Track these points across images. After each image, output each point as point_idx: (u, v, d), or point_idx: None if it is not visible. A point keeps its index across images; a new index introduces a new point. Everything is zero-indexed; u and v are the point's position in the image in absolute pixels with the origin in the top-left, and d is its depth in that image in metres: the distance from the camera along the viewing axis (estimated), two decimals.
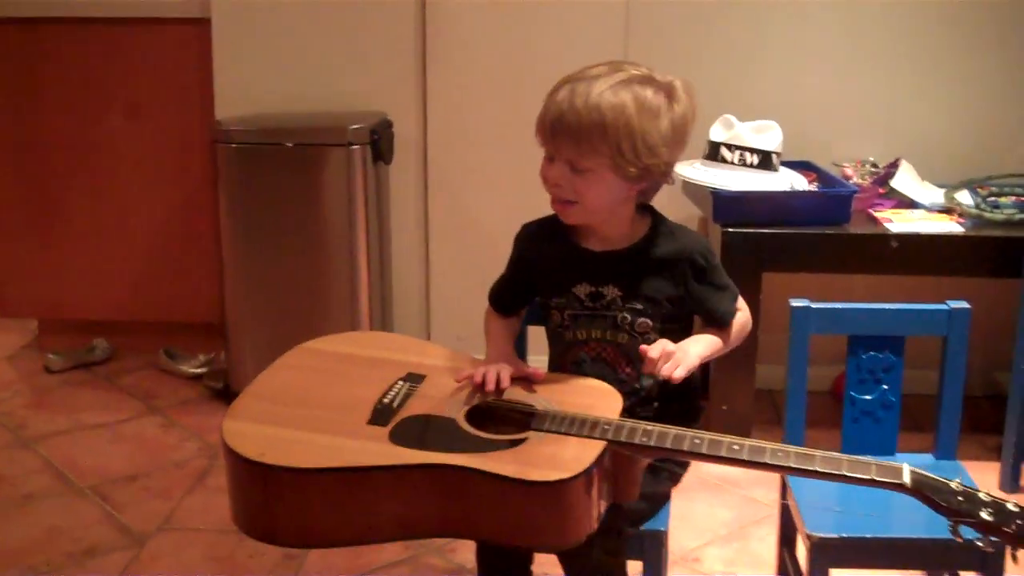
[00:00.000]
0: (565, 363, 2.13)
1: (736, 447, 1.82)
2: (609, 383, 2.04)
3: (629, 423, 1.86)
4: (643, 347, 1.94)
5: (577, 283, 2.09)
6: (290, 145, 3.61)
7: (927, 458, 2.37)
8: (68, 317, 4.28)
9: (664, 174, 2.03)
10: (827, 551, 2.08)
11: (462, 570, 2.80)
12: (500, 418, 1.97)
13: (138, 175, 4.12)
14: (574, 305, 2.10)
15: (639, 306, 2.06)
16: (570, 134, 1.96)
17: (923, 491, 1.75)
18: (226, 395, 3.82)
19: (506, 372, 2.00)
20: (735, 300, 2.14)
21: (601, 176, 1.98)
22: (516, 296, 2.22)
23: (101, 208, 4.16)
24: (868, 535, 2.08)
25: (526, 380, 2.03)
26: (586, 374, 2.09)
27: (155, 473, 3.33)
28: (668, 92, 1.99)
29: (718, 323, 2.12)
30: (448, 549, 2.87)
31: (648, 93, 1.97)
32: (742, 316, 2.14)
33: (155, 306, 4.22)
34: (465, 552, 2.83)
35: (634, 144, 1.94)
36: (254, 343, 3.71)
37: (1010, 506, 1.74)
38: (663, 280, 2.07)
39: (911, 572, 2.68)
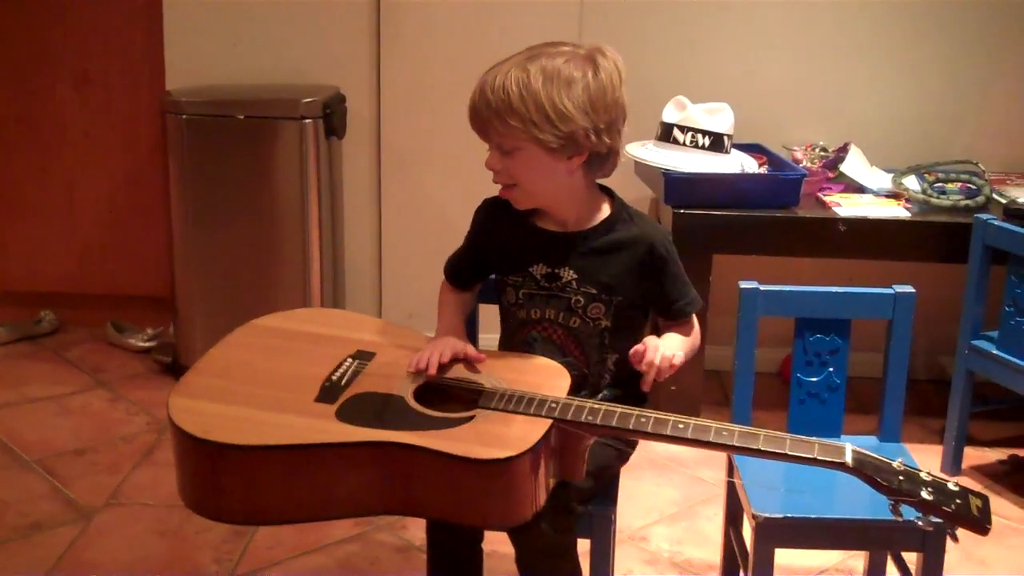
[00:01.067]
0: (516, 342, 2.14)
1: (681, 426, 1.84)
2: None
3: (576, 401, 1.88)
4: (633, 351, 1.95)
5: (534, 263, 2.10)
6: (241, 117, 3.58)
7: (871, 440, 2.41)
8: (14, 288, 4.22)
9: (596, 144, 1.99)
10: (772, 531, 2.11)
11: (411, 547, 2.81)
12: (449, 396, 1.97)
13: (86, 145, 4.07)
14: (530, 284, 2.11)
15: (593, 291, 2.07)
16: (486, 119, 1.98)
17: (864, 470, 1.78)
18: (175, 369, 3.80)
19: (447, 352, 2.00)
20: (695, 305, 2.14)
21: (529, 153, 1.99)
22: (472, 271, 2.23)
23: (48, 178, 4.11)
24: (813, 515, 2.11)
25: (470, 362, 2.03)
26: (535, 353, 2.10)
27: (102, 447, 3.30)
28: (588, 60, 1.99)
29: (675, 316, 2.13)
30: (399, 526, 2.88)
31: (558, 63, 1.97)
32: (697, 335, 2.15)
33: (103, 278, 4.18)
34: (415, 529, 2.84)
35: (546, 114, 1.95)
36: (203, 317, 3.69)
37: (950, 486, 1.77)
38: (620, 265, 2.08)
39: (854, 552, 2.73)
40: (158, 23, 3.88)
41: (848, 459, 1.78)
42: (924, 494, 1.75)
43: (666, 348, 1.96)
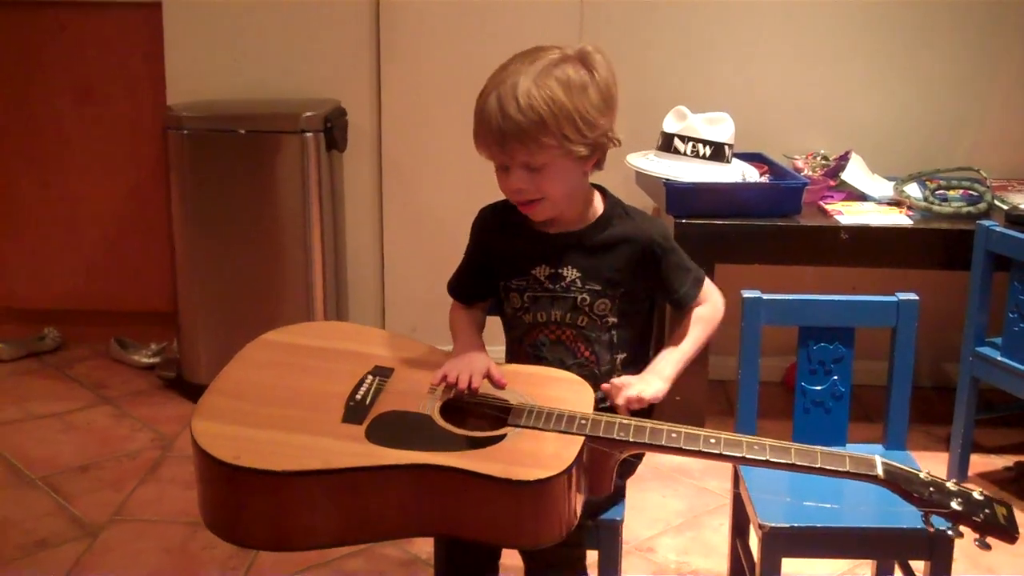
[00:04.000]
0: (523, 347, 2.13)
1: (712, 440, 1.84)
2: (568, 366, 2.07)
3: (605, 418, 1.87)
4: (605, 386, 1.98)
5: (536, 265, 2.10)
6: (242, 132, 3.59)
7: (877, 448, 2.40)
8: (18, 306, 4.23)
9: (611, 140, 2.04)
10: (779, 540, 2.11)
11: (416, 560, 2.81)
12: (474, 413, 1.96)
13: (88, 161, 4.08)
14: (534, 287, 2.11)
15: (598, 287, 2.08)
16: (516, 140, 1.96)
17: (896, 482, 1.80)
18: (179, 385, 3.80)
19: (478, 376, 1.98)
20: (698, 284, 2.15)
21: (558, 166, 1.99)
22: (476, 282, 2.21)
23: (51, 194, 4.11)
24: (819, 525, 2.11)
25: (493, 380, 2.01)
26: (544, 357, 2.10)
27: (107, 464, 3.30)
28: (584, 63, 2.00)
29: (678, 304, 2.14)
30: (404, 540, 2.87)
31: (568, 71, 1.98)
32: (707, 310, 2.15)
33: (106, 295, 4.18)
34: (420, 543, 2.83)
35: (576, 125, 1.96)
36: (207, 332, 3.69)
37: (976, 495, 1.79)
38: (621, 260, 2.09)
39: (861, 561, 2.72)
40: (158, 38, 3.89)
41: (879, 472, 1.80)
42: (954, 505, 1.77)
43: (639, 387, 1.97)
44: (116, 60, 4.01)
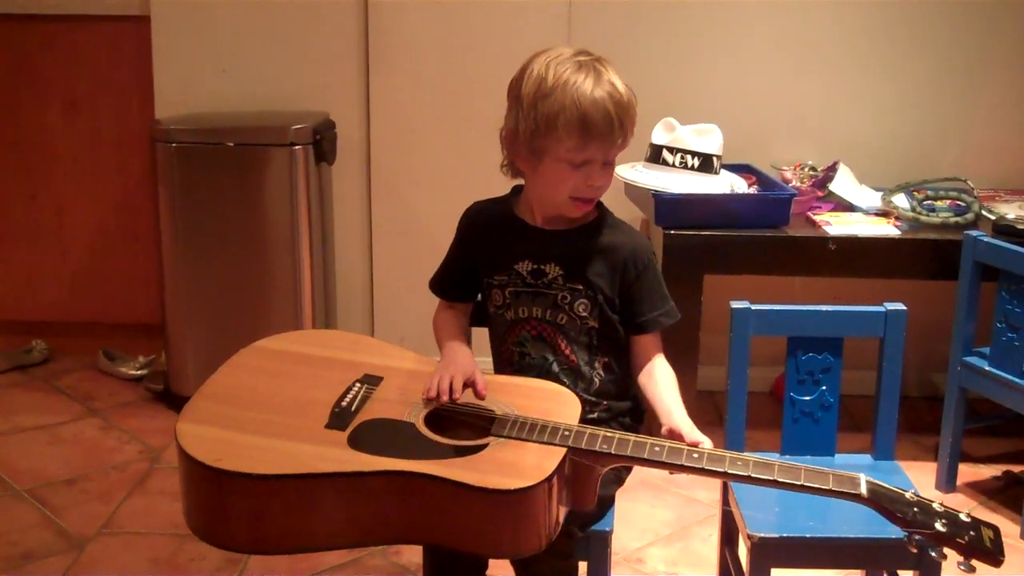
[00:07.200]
0: (507, 345, 2.14)
1: (696, 455, 1.84)
2: (550, 363, 2.07)
3: (589, 430, 1.87)
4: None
5: (520, 260, 2.11)
6: (231, 145, 3.58)
7: (865, 458, 2.40)
8: (4, 318, 4.21)
9: None
10: (768, 551, 2.11)
11: (405, 572, 2.80)
12: (459, 423, 1.96)
13: (76, 173, 4.07)
14: (516, 282, 2.12)
15: (579, 287, 2.09)
16: (622, 132, 2.02)
17: (880, 502, 1.78)
18: (166, 397, 3.79)
19: (458, 382, 1.98)
20: (669, 318, 2.15)
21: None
22: (459, 279, 2.22)
23: (38, 206, 4.10)
24: (808, 535, 2.11)
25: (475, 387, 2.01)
26: (528, 353, 2.11)
27: (94, 476, 3.28)
28: None
29: (641, 328, 2.13)
30: (392, 551, 2.87)
31: None
32: (671, 371, 2.16)
33: (94, 307, 4.17)
34: (409, 554, 2.83)
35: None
36: (195, 345, 3.68)
37: (962, 517, 1.77)
38: (603, 265, 2.10)
39: (850, 571, 2.72)
40: (147, 51, 3.89)
41: (863, 491, 1.78)
42: (938, 526, 1.75)
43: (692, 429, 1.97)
44: (105, 73, 4.00)
